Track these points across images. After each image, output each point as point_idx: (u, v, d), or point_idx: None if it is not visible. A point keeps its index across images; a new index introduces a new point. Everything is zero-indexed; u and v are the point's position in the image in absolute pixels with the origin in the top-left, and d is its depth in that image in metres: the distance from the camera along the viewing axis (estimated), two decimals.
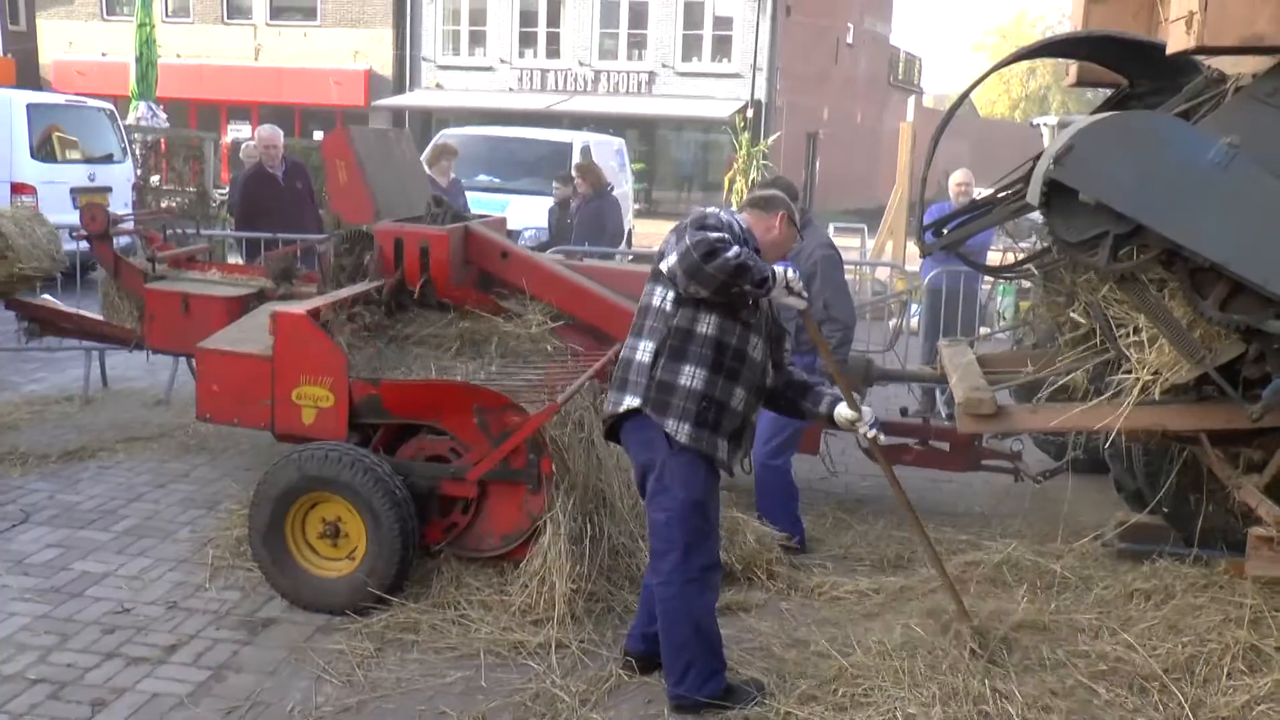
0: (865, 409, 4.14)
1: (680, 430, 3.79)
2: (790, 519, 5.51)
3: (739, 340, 3.86)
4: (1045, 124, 14.12)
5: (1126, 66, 4.81)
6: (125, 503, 5.89)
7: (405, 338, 5.63)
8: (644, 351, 3.86)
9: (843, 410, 4.12)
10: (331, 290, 5.79)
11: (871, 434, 4.12)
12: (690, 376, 3.79)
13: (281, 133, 9.76)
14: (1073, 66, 5.14)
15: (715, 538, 4.01)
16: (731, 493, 5.49)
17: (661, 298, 3.87)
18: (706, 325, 3.81)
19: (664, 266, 3.81)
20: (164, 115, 18.30)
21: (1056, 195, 3.95)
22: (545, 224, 11.88)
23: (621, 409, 3.89)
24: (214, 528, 5.53)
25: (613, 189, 10.82)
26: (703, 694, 3.91)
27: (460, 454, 4.82)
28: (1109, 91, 5.07)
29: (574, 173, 10.75)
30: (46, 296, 7.69)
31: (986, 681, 4.06)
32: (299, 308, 5.03)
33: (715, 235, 3.69)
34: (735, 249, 3.70)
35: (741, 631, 4.57)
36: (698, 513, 3.87)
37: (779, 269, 3.79)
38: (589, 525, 4.73)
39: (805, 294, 3.88)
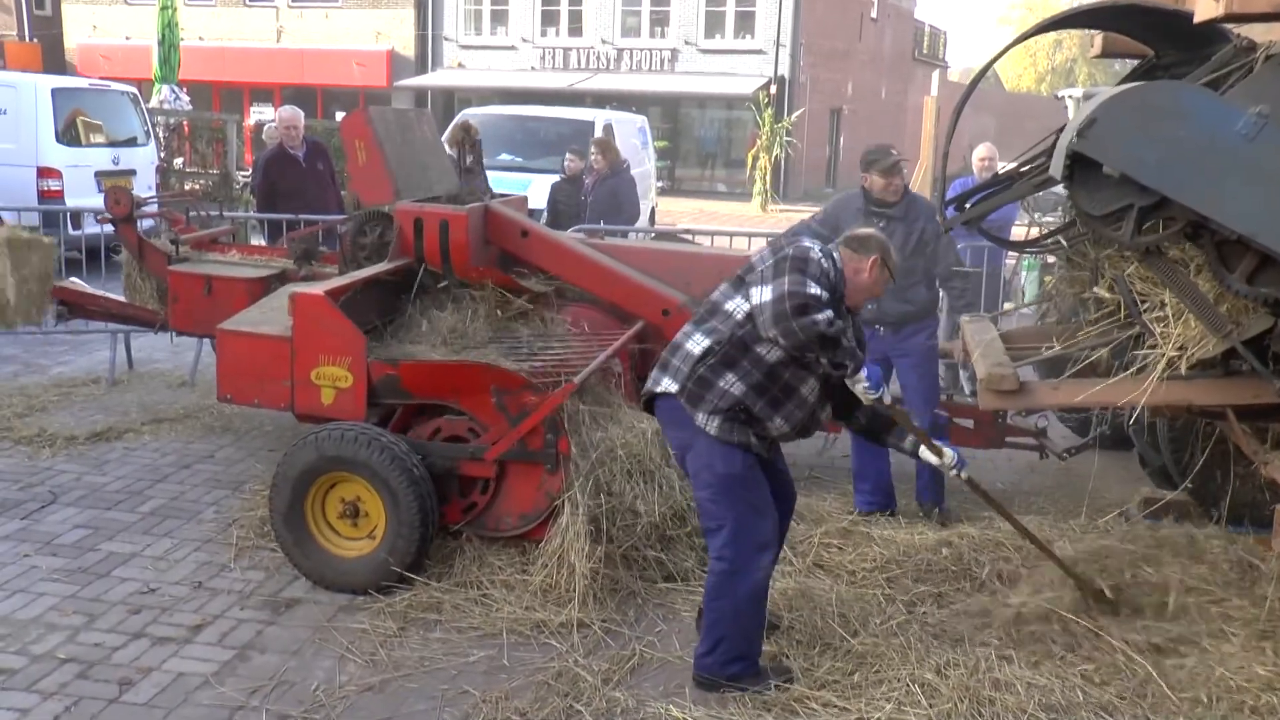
0: (948, 451, 4.12)
1: (710, 423, 3.85)
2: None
3: (793, 377, 3.88)
4: (1070, 96, 13.96)
5: (1153, 37, 4.73)
6: (151, 484, 5.94)
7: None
8: (696, 344, 3.88)
9: (926, 454, 4.13)
10: (351, 271, 5.80)
11: (958, 475, 4.15)
12: (730, 384, 3.84)
13: (302, 113, 9.76)
14: (1098, 38, 5.06)
15: (769, 516, 3.95)
16: None
17: (736, 306, 3.87)
18: (767, 350, 3.83)
19: (754, 297, 3.78)
20: (187, 98, 18.35)
21: (1080, 168, 3.90)
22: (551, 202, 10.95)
23: (658, 389, 3.93)
24: (238, 508, 5.58)
25: (628, 166, 10.65)
26: (727, 673, 3.92)
27: (479, 434, 4.83)
28: (1136, 63, 5.00)
29: (593, 147, 10.59)
30: (74, 280, 7.75)
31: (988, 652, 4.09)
32: (317, 288, 5.04)
33: (813, 292, 3.68)
34: (828, 315, 3.69)
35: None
36: (740, 487, 3.88)
37: (861, 373, 3.79)
38: (610, 503, 4.73)
39: (874, 399, 3.89)
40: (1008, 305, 7.87)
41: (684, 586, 4.76)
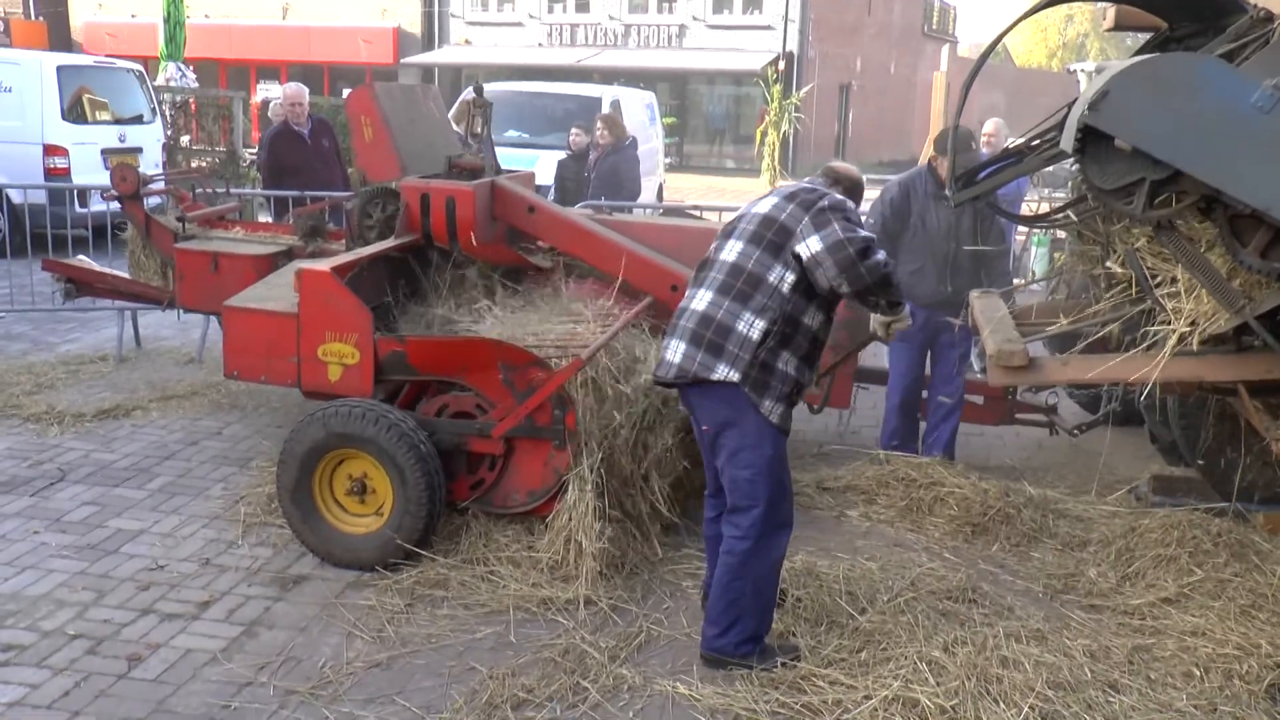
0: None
1: (774, 412, 3.83)
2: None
3: (823, 333, 3.95)
4: (1082, 70, 13.80)
5: (1167, 8, 4.66)
6: (159, 460, 5.95)
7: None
8: (751, 326, 3.79)
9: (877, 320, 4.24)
10: (358, 247, 5.78)
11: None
12: (787, 363, 3.84)
13: (307, 90, 9.72)
14: (1111, 10, 4.99)
15: (791, 497, 4.00)
16: None
17: (779, 277, 3.80)
18: (812, 319, 3.87)
19: (802, 251, 3.75)
20: (193, 76, 18.27)
21: (1091, 141, 3.85)
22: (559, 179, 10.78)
23: (714, 377, 3.80)
24: (246, 485, 5.58)
25: (630, 142, 10.56)
26: (738, 653, 3.92)
27: (486, 410, 4.82)
28: (1149, 36, 4.93)
29: (598, 122, 10.52)
30: (81, 257, 7.74)
31: (995, 627, 4.09)
32: (324, 264, 5.03)
33: (866, 234, 3.76)
34: (884, 255, 3.79)
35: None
36: (780, 468, 3.89)
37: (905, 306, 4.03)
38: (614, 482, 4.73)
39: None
40: (1017, 281, 7.82)
41: (690, 564, 4.76)
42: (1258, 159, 3.66)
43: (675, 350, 3.90)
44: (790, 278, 3.79)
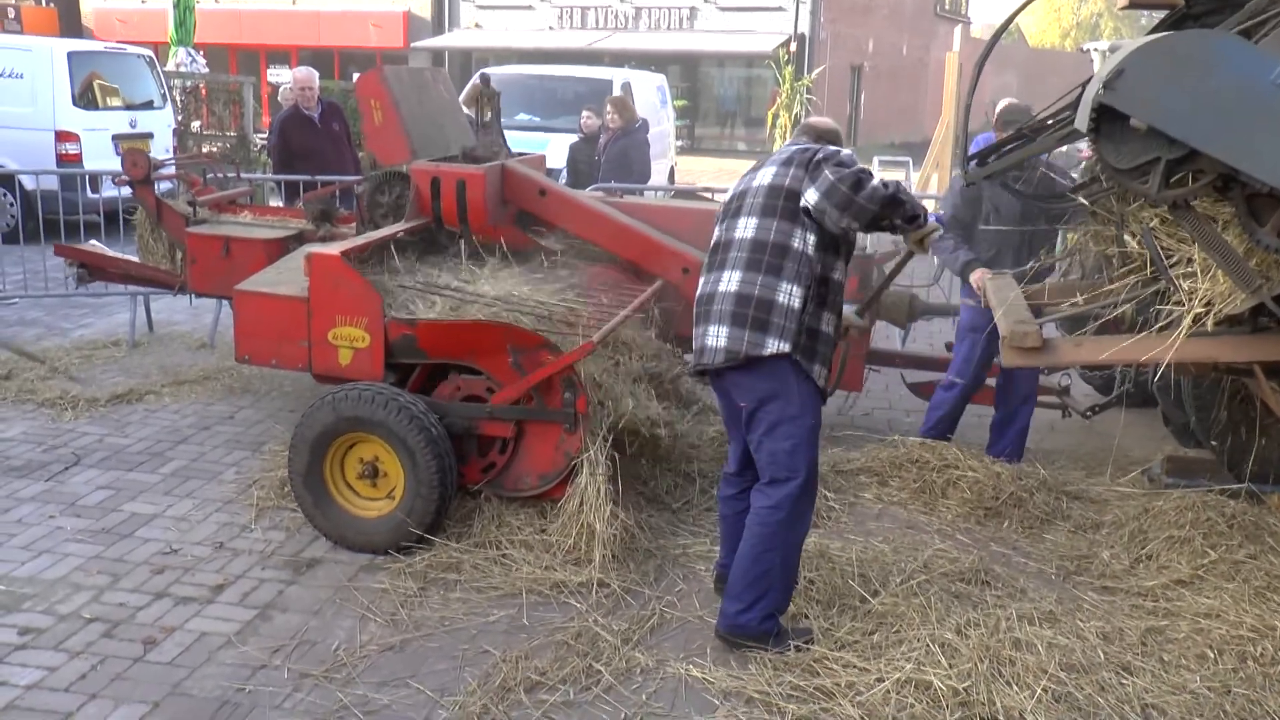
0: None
1: (821, 376, 3.89)
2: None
3: (843, 280, 3.99)
4: (1096, 49, 13.70)
5: None
6: (172, 445, 5.97)
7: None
8: (790, 296, 3.80)
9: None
10: (368, 231, 5.78)
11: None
12: (828, 324, 3.90)
13: (316, 74, 9.71)
14: None
15: (818, 471, 4.03)
16: None
17: (802, 240, 3.82)
18: (837, 272, 3.93)
19: (807, 204, 3.79)
20: (203, 61, 18.26)
21: (1106, 121, 3.81)
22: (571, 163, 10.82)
23: (768, 352, 3.79)
24: (258, 469, 5.60)
25: (640, 125, 10.52)
26: (762, 629, 3.91)
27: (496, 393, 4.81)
28: (1164, 14, 4.88)
29: (608, 105, 10.50)
30: (93, 242, 7.76)
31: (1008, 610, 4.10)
32: (333, 248, 5.02)
33: (858, 167, 3.78)
34: (883, 180, 3.82)
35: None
36: (817, 438, 3.93)
37: (930, 219, 3.97)
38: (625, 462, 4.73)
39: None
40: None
41: (703, 546, 4.76)
42: (1276, 136, 3.62)
43: (716, 335, 3.88)
44: (812, 238, 3.82)
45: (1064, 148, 5.04)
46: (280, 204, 9.13)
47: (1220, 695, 3.68)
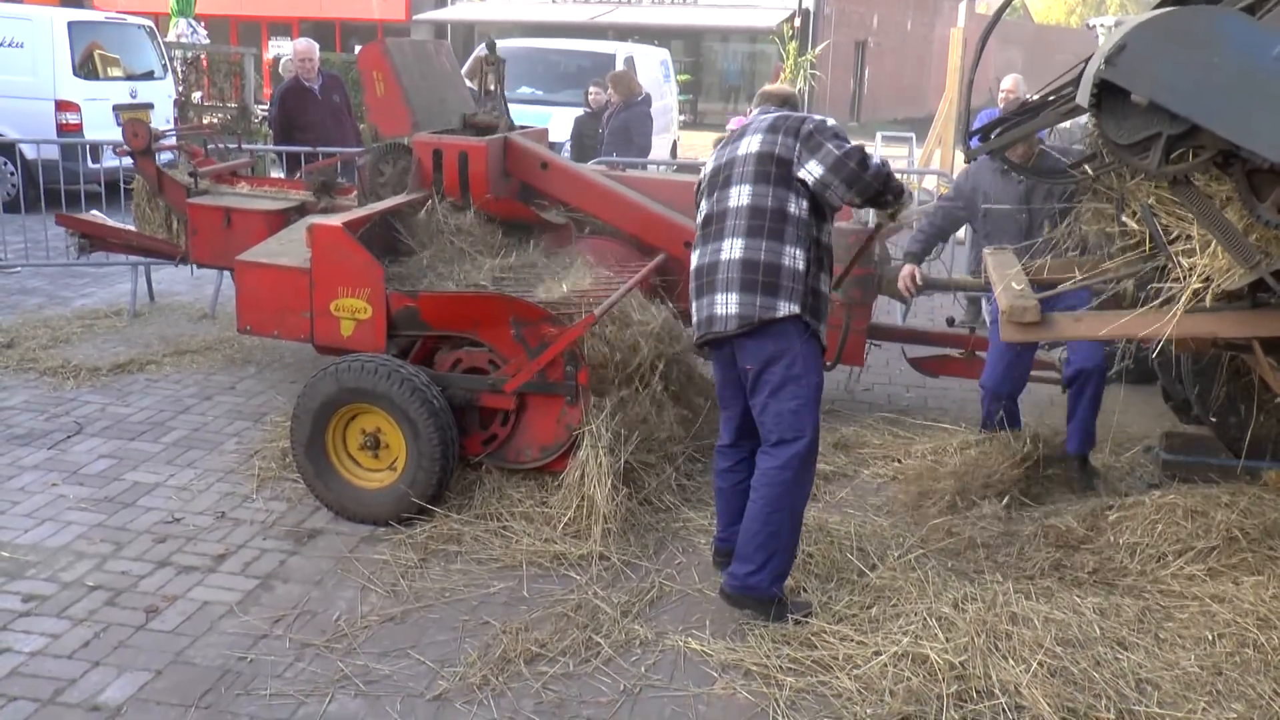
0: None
1: (823, 333, 4.01)
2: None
3: (830, 243, 4.10)
4: (1101, 25, 13.61)
5: None
6: (174, 415, 5.99)
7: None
8: (795, 259, 3.87)
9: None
10: (370, 203, 5.77)
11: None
12: (826, 284, 4.04)
13: (316, 46, 9.67)
14: None
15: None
16: None
17: (798, 206, 3.90)
18: (828, 235, 4.05)
19: (807, 177, 3.86)
20: (204, 32, 18.19)
21: (1108, 96, 3.80)
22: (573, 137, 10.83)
23: (780, 315, 3.84)
24: (260, 439, 5.62)
25: (643, 99, 10.49)
26: (769, 592, 3.95)
27: (499, 366, 4.83)
28: None
29: (608, 81, 10.48)
30: (94, 212, 7.77)
31: (1004, 584, 4.12)
32: (335, 220, 5.02)
33: (855, 144, 3.90)
34: (877, 157, 3.96)
35: None
36: (820, 396, 3.99)
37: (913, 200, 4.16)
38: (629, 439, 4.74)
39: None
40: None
41: (702, 519, 4.78)
42: (1277, 113, 3.61)
43: (725, 303, 3.89)
44: (805, 204, 3.91)
45: (1066, 124, 5.02)
46: (282, 175, 9.11)
47: (1211, 674, 3.69)
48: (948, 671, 3.61)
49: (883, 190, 3.96)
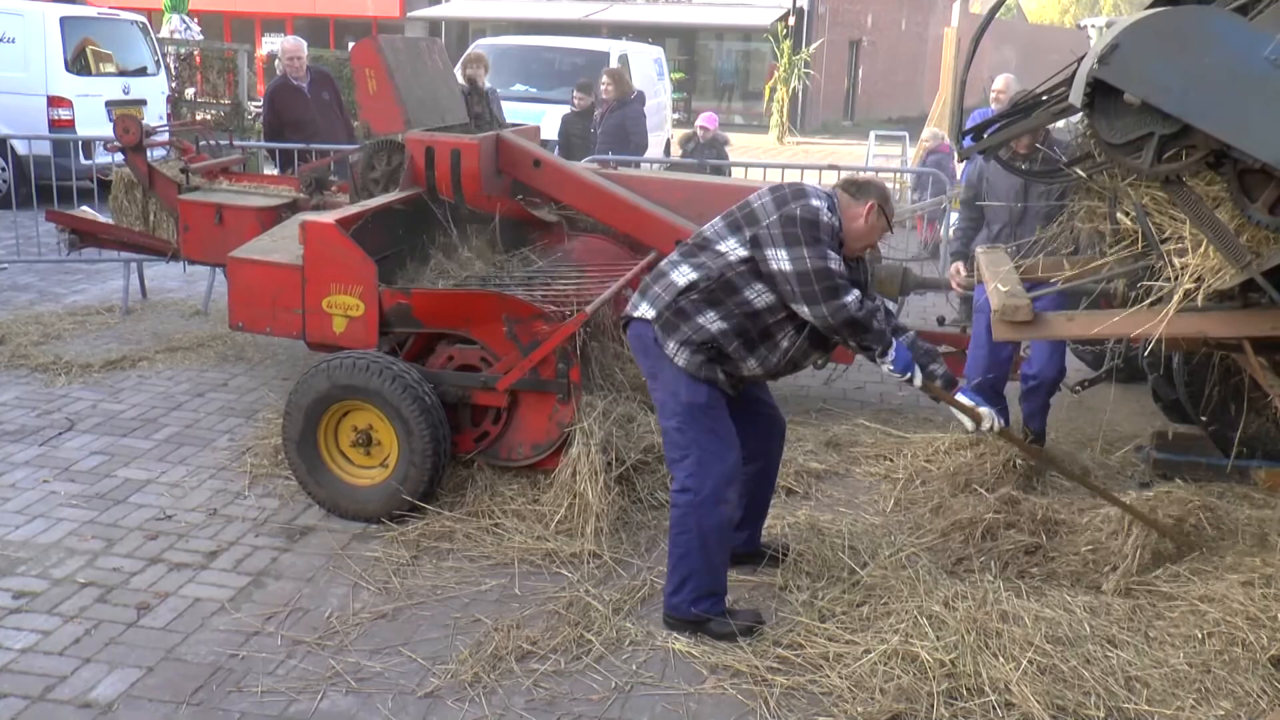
0: (984, 411, 4.03)
1: (680, 355, 3.77)
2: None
3: (775, 326, 3.81)
4: (1093, 25, 13.63)
5: None
6: (165, 411, 5.98)
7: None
8: (682, 275, 3.78)
9: (958, 415, 4.06)
10: (362, 200, 5.77)
11: (996, 427, 4.07)
12: (709, 320, 3.75)
13: (304, 43, 9.67)
14: None
15: (735, 448, 3.87)
16: None
17: (731, 249, 3.74)
18: (757, 295, 3.75)
19: (771, 262, 3.66)
20: (197, 28, 18.13)
21: (1100, 96, 3.81)
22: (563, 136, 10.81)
23: (635, 314, 3.87)
24: (252, 436, 5.62)
25: (637, 97, 10.48)
26: (691, 613, 3.90)
27: (491, 363, 4.83)
28: None
29: (604, 77, 10.48)
30: (85, 208, 7.74)
31: (995, 582, 4.13)
32: (328, 217, 5.02)
33: (836, 268, 3.65)
34: (856, 295, 3.69)
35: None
36: (705, 416, 3.80)
37: (893, 350, 3.78)
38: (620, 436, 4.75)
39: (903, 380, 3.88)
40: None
41: None
42: (1269, 113, 3.62)
43: (629, 302, 3.97)
44: (742, 252, 3.74)
45: (1061, 122, 5.03)
46: (274, 172, 9.10)
47: (1200, 673, 3.69)
48: (938, 669, 3.61)
49: (840, 333, 3.74)
